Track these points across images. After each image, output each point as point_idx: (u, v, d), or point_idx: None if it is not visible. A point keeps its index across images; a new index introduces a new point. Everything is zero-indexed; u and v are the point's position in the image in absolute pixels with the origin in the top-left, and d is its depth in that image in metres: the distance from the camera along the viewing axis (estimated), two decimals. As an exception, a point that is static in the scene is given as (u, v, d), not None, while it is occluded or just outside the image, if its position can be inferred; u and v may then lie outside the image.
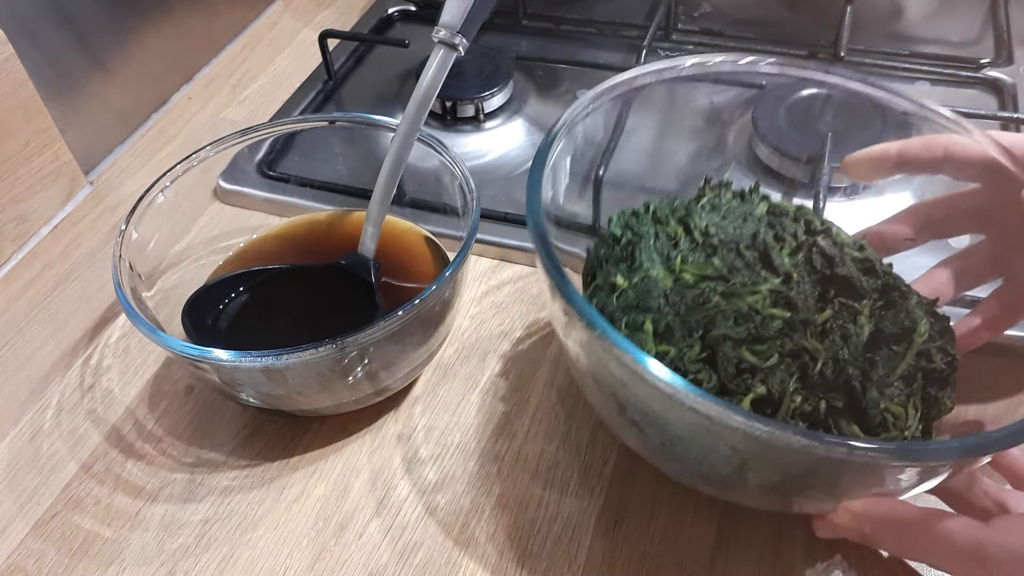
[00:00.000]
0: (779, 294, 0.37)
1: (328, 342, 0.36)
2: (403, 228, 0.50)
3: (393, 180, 0.45)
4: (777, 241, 0.40)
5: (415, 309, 0.38)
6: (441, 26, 0.43)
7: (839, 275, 0.38)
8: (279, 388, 0.40)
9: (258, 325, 0.45)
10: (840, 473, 0.33)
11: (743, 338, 0.35)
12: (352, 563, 0.39)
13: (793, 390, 0.34)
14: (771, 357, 0.35)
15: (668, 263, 0.38)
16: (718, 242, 0.39)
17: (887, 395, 0.35)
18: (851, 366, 0.35)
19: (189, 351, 0.37)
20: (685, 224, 0.40)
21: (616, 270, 0.38)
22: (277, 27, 0.76)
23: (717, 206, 0.42)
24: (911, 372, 0.36)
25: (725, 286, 0.37)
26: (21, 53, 0.52)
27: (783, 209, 0.42)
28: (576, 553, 0.39)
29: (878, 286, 0.38)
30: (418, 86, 0.44)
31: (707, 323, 0.35)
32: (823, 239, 0.39)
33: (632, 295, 0.37)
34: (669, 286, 0.37)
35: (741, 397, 0.34)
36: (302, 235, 0.51)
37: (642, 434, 0.36)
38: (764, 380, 0.34)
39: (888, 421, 0.34)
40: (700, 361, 0.35)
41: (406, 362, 0.43)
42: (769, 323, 0.35)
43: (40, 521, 0.42)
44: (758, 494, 0.36)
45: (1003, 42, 0.65)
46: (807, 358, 0.35)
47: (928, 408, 0.36)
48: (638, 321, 0.36)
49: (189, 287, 0.45)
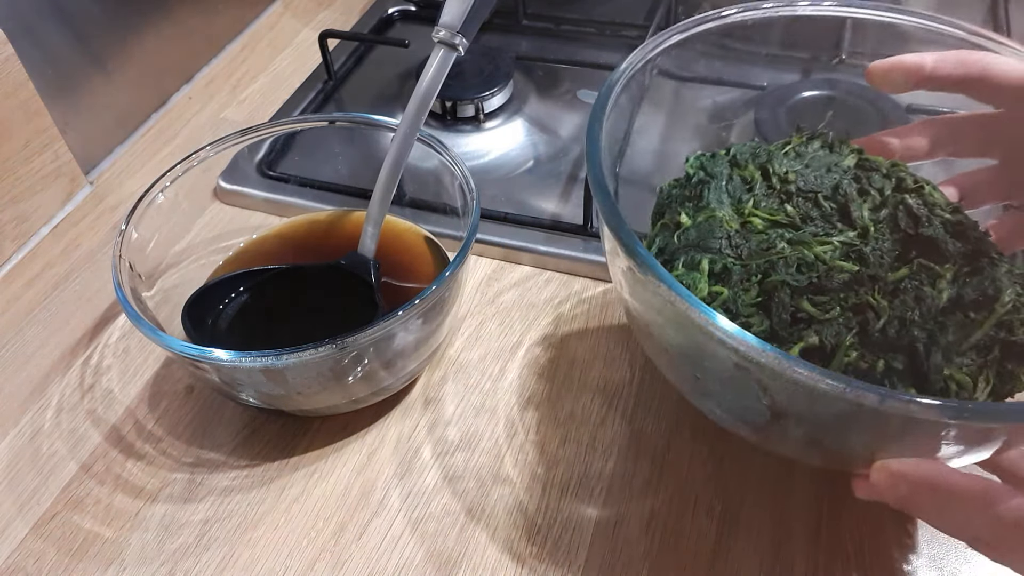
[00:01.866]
0: (851, 247, 0.35)
1: (328, 342, 0.36)
2: (403, 228, 0.50)
3: (393, 180, 0.45)
4: (861, 195, 0.38)
5: (415, 309, 0.38)
6: (441, 26, 0.43)
7: (924, 235, 0.36)
8: (279, 388, 0.40)
9: (258, 325, 0.45)
10: (877, 428, 0.31)
11: (803, 287, 0.34)
12: (352, 563, 0.39)
13: (849, 344, 0.33)
14: (831, 310, 0.33)
15: (738, 206, 0.37)
16: (795, 190, 0.38)
17: (955, 363, 0.33)
18: (918, 328, 0.33)
19: (189, 351, 0.37)
20: (764, 169, 0.39)
21: (682, 208, 0.38)
22: (277, 27, 0.76)
23: (802, 154, 0.40)
24: (988, 343, 0.33)
25: (793, 234, 0.36)
26: (21, 53, 0.52)
27: (875, 164, 0.40)
28: (576, 553, 0.39)
29: (967, 251, 0.36)
30: (418, 86, 0.43)
31: (767, 268, 0.34)
32: (913, 197, 0.37)
33: (694, 234, 0.36)
34: (735, 228, 0.36)
35: (791, 345, 0.33)
36: (302, 235, 0.51)
37: (682, 371, 0.35)
38: (819, 332, 0.33)
39: (951, 389, 0.32)
40: (754, 306, 0.34)
41: (406, 362, 0.43)
42: (835, 275, 0.34)
43: (40, 521, 0.41)
44: (797, 444, 0.35)
45: (1003, 42, 0.65)
46: (871, 314, 0.33)
47: (1002, 382, 0.34)
48: (695, 260, 0.35)
49: (189, 287, 0.45)
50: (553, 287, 0.51)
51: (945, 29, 0.42)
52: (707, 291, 0.35)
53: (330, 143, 0.56)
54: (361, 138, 0.52)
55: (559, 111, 0.63)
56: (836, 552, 0.38)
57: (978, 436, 0.30)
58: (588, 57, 0.67)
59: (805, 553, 0.38)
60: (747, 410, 0.34)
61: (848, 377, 0.28)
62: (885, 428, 0.31)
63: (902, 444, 0.32)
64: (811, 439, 0.34)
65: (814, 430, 0.34)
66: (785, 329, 0.33)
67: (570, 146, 0.60)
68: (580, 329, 0.48)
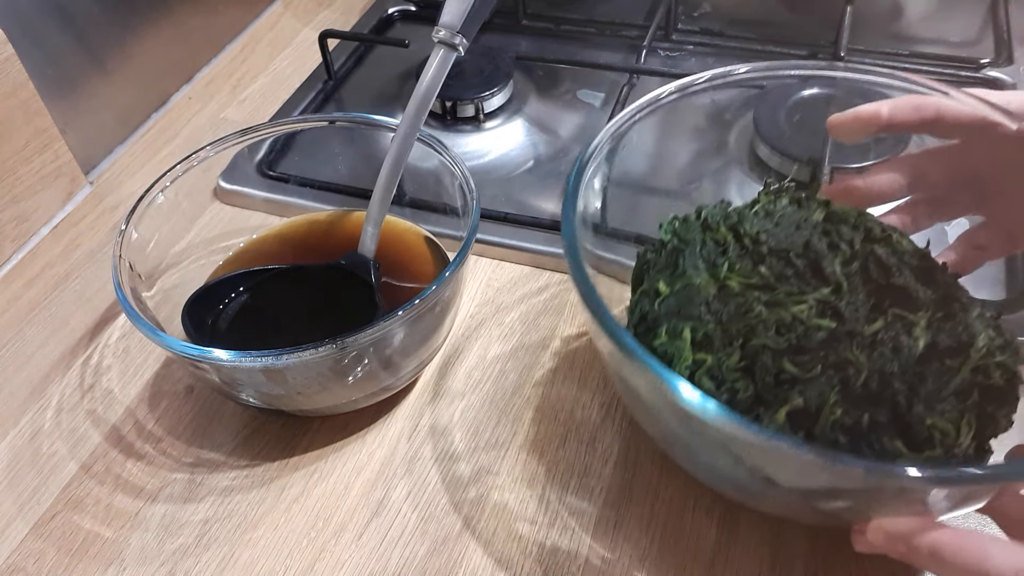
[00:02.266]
0: (827, 304, 0.36)
1: (328, 342, 0.36)
2: (403, 228, 0.50)
3: (393, 180, 0.45)
4: (831, 249, 0.38)
5: (415, 309, 0.38)
6: (441, 26, 0.43)
7: (895, 285, 0.36)
8: (279, 388, 0.40)
9: (258, 325, 0.45)
10: (858, 491, 0.32)
11: (783, 348, 0.34)
12: (352, 563, 0.39)
13: (833, 402, 0.33)
14: (813, 368, 0.34)
15: (713, 270, 0.38)
16: (767, 250, 0.38)
17: (937, 411, 0.33)
18: (898, 380, 0.33)
19: (189, 351, 0.37)
20: (735, 230, 0.40)
21: (660, 276, 0.39)
22: (277, 27, 0.76)
23: (771, 212, 0.41)
24: (966, 388, 0.34)
25: (769, 295, 0.36)
26: (21, 53, 0.52)
27: (843, 216, 0.41)
28: (576, 553, 0.39)
29: (937, 297, 0.37)
30: (418, 86, 0.43)
31: (747, 332, 0.35)
32: (881, 247, 0.38)
33: (674, 302, 0.37)
34: (712, 293, 0.37)
35: (777, 408, 0.33)
36: (302, 235, 0.51)
37: (669, 440, 0.36)
38: (802, 392, 0.33)
39: (935, 438, 0.33)
40: (739, 370, 0.34)
41: (406, 362, 0.43)
42: (813, 334, 0.35)
43: (40, 521, 0.42)
44: (783, 506, 0.36)
45: (1003, 42, 0.65)
46: (851, 370, 0.34)
47: (983, 426, 0.34)
48: (678, 328, 0.36)
49: (189, 287, 0.45)
50: (553, 288, 0.51)
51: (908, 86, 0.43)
52: (691, 359, 0.35)
53: (330, 143, 0.56)
54: (361, 138, 0.52)
55: (559, 111, 0.63)
56: (835, 552, 0.38)
57: (969, 493, 0.31)
58: (588, 57, 0.67)
59: (805, 554, 0.38)
60: (739, 479, 0.35)
61: (828, 451, 0.29)
62: (877, 493, 0.32)
63: (894, 506, 0.32)
64: (802, 503, 0.35)
65: (806, 496, 0.34)
66: (770, 392, 0.34)
67: (570, 146, 0.60)
68: (580, 329, 0.49)
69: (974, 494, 0.31)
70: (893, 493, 0.32)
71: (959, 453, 0.33)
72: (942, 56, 0.64)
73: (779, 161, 0.53)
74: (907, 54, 0.64)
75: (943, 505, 0.32)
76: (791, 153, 0.52)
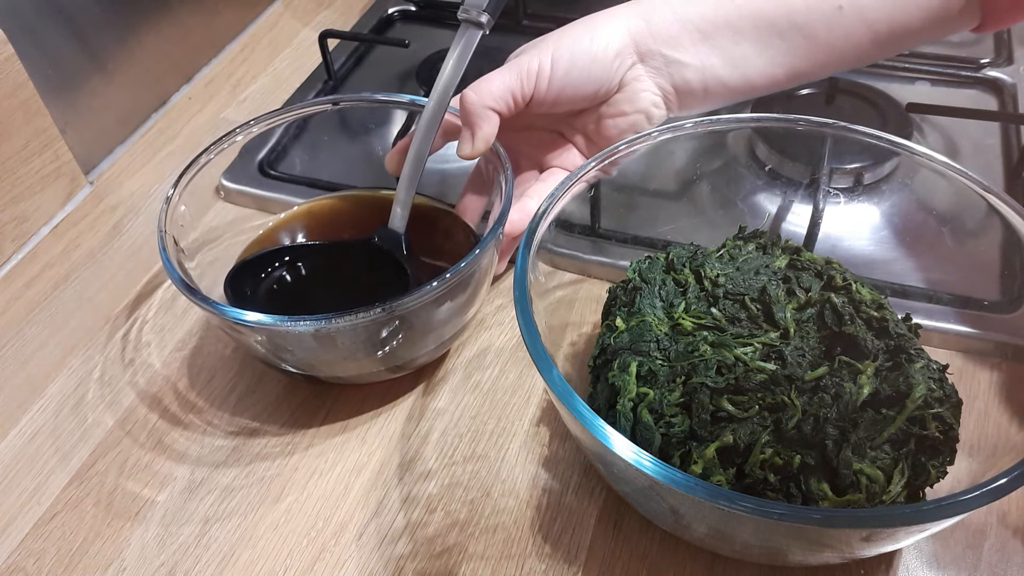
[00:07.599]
0: (772, 348, 0.37)
1: (378, 305, 0.38)
2: (432, 207, 0.51)
3: (421, 160, 0.45)
4: (788, 295, 0.40)
5: (458, 275, 0.40)
6: (468, 4, 0.42)
7: (846, 333, 0.38)
8: (328, 353, 0.42)
9: (292, 298, 0.47)
10: (791, 533, 0.33)
11: (721, 388, 0.36)
12: (352, 563, 0.39)
13: (765, 442, 0.34)
14: (751, 408, 0.35)
15: (670, 309, 0.40)
16: (723, 293, 0.40)
17: (869, 457, 0.34)
18: (831, 425, 0.34)
19: (244, 319, 0.39)
20: (697, 273, 0.42)
21: (619, 312, 0.41)
22: (277, 27, 0.76)
23: (735, 256, 0.43)
24: (902, 437, 0.35)
25: (716, 336, 0.38)
26: (21, 53, 0.52)
27: (809, 263, 0.42)
28: (576, 553, 0.39)
29: (887, 347, 0.38)
30: (443, 66, 0.43)
31: (690, 370, 0.37)
32: (839, 296, 0.39)
33: (627, 337, 0.39)
34: (664, 332, 0.39)
35: (708, 444, 0.35)
36: (331, 213, 0.52)
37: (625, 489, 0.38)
38: (735, 431, 0.35)
39: (861, 483, 0.34)
40: (678, 405, 0.36)
41: (441, 331, 0.44)
42: (754, 375, 0.36)
43: (40, 521, 0.42)
44: (733, 547, 0.37)
45: (1003, 42, 0.65)
46: (786, 413, 0.35)
47: (916, 475, 0.35)
48: (627, 362, 0.38)
49: (223, 264, 0.46)
50: (564, 289, 0.51)
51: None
52: (635, 392, 0.37)
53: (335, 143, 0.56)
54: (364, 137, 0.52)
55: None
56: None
57: (869, 535, 0.32)
58: (588, 57, 0.66)
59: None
60: (662, 513, 0.36)
61: (732, 494, 0.30)
62: (800, 532, 0.32)
63: (823, 543, 0.33)
64: (721, 539, 0.36)
65: (724, 539, 0.36)
66: (705, 428, 0.35)
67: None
68: (587, 331, 0.49)
69: (891, 532, 0.31)
70: (817, 534, 0.32)
71: (887, 499, 0.34)
72: (942, 56, 0.64)
73: (777, 161, 0.53)
74: (907, 54, 0.64)
75: (868, 545, 0.33)
76: (789, 153, 0.52)
